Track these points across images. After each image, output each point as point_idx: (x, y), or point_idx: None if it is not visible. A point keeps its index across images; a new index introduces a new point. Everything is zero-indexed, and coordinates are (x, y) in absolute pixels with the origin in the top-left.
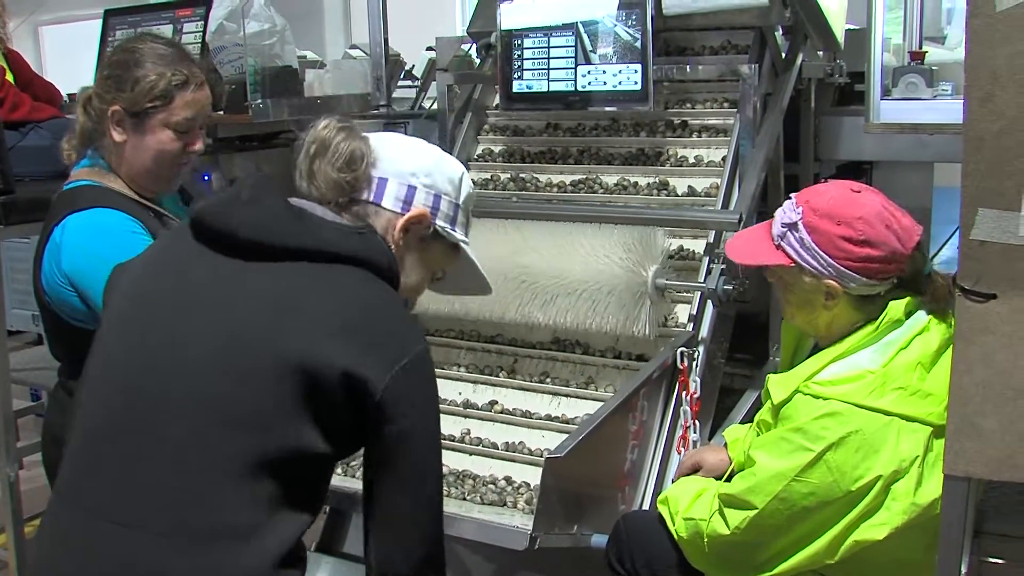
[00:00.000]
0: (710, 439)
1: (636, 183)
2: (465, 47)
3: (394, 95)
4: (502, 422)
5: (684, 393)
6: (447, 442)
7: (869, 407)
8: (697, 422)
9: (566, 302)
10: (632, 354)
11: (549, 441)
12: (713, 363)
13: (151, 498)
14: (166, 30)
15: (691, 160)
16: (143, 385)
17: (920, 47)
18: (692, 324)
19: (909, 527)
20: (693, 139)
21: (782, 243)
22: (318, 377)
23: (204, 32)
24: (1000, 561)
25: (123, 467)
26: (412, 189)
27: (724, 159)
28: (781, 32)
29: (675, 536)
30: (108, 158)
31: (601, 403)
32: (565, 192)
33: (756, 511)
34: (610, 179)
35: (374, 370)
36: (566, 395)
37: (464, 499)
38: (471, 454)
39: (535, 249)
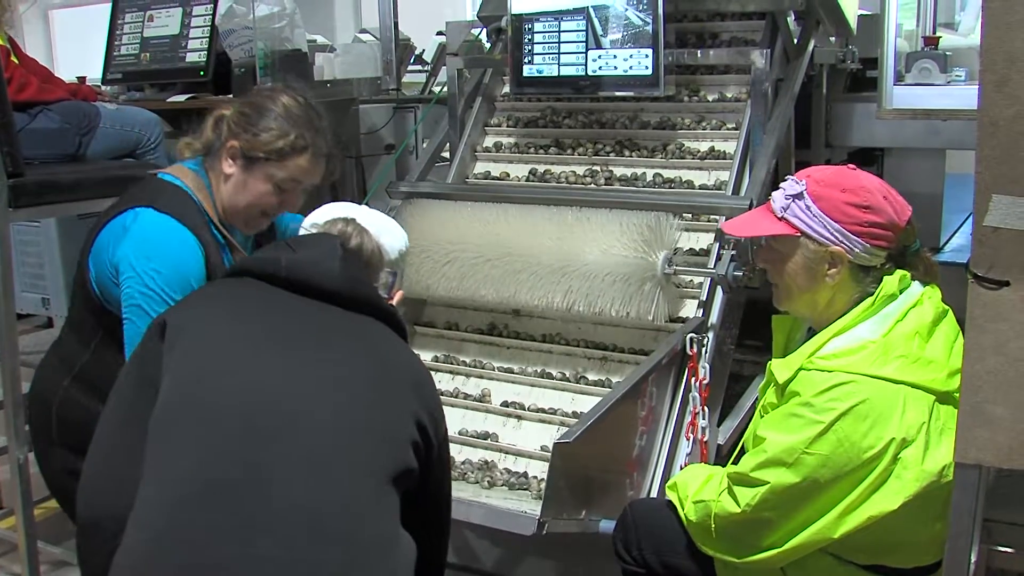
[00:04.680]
0: (719, 425)
1: (645, 173)
2: (475, 31)
3: (404, 79)
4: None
5: (693, 379)
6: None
7: (875, 375)
8: (706, 408)
9: (576, 286)
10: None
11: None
12: (723, 349)
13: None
14: (176, 13)
15: (701, 149)
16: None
17: (934, 33)
18: (702, 310)
19: (918, 498)
20: (703, 129)
21: (786, 214)
22: (419, 425)
23: (214, 15)
24: (1009, 550)
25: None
26: (393, 276)
27: (735, 149)
28: (793, 17)
29: (684, 520)
30: (212, 177)
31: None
32: (575, 180)
33: (768, 486)
34: (620, 168)
35: (435, 422)
36: (574, 391)
37: (477, 483)
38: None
39: (545, 234)
